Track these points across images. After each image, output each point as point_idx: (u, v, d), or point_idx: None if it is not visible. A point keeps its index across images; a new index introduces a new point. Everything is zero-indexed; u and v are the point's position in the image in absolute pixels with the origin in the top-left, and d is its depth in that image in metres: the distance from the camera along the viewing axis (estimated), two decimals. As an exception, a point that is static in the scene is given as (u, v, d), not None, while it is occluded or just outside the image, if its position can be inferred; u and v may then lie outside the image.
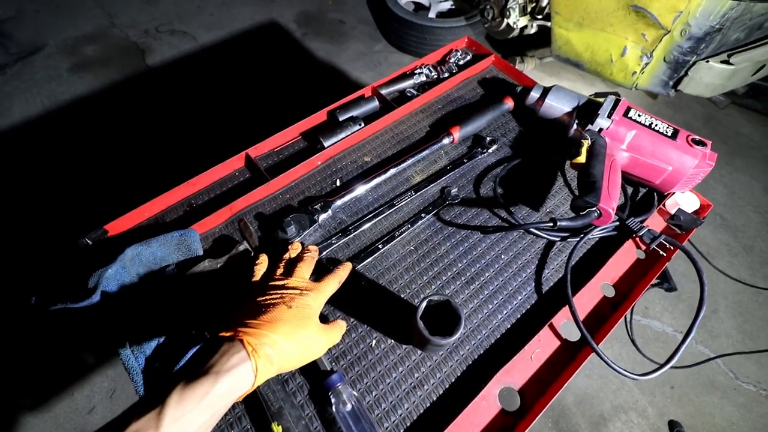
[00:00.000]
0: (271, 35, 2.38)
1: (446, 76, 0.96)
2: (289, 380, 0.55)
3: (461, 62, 0.99)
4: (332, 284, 0.54)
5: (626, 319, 1.09)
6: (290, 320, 0.45)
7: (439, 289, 0.64)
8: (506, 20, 1.83)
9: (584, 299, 0.63)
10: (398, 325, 0.60)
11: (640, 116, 0.72)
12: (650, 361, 1.01)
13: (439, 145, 0.79)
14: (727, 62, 1.34)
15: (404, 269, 0.66)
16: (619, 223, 0.70)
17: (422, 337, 0.49)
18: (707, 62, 1.32)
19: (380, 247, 0.67)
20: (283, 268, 0.56)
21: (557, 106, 0.79)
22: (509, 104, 0.86)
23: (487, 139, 0.81)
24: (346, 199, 0.72)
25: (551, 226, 0.61)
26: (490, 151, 0.80)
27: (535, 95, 0.82)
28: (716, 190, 1.83)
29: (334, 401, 0.51)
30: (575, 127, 0.76)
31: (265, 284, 0.52)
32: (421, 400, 0.55)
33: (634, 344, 1.06)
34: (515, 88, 0.88)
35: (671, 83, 1.42)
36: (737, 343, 1.43)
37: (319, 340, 0.48)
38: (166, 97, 2.05)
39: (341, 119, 0.83)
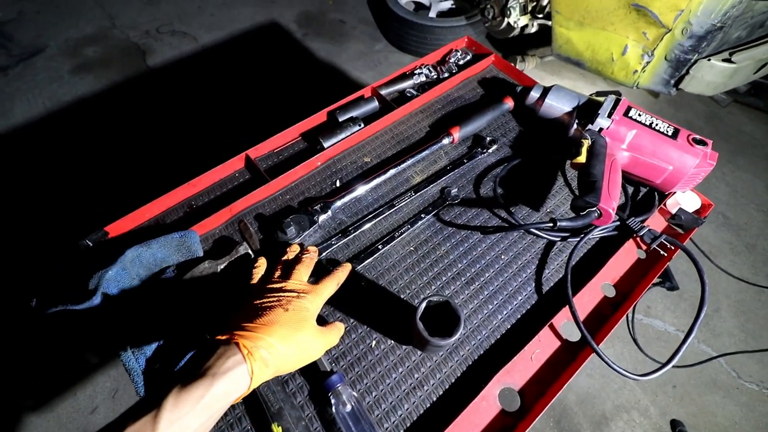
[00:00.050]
0: (271, 36, 2.38)
1: (446, 76, 0.95)
2: (289, 381, 0.55)
3: (461, 62, 0.99)
4: (330, 286, 0.55)
5: (628, 318, 1.09)
6: (286, 323, 0.45)
7: (439, 289, 0.64)
8: (507, 19, 1.82)
9: (585, 299, 0.63)
10: (398, 325, 0.60)
11: (640, 116, 0.71)
12: (652, 360, 1.01)
13: (439, 145, 0.79)
14: (728, 60, 1.33)
15: (404, 270, 0.66)
16: (619, 223, 0.69)
17: (422, 337, 0.49)
18: (709, 60, 1.32)
19: (380, 247, 0.67)
20: (281, 270, 0.56)
21: (557, 105, 0.79)
22: (509, 104, 0.85)
23: (487, 139, 0.81)
24: (345, 199, 0.72)
25: (551, 226, 0.61)
26: (490, 151, 0.80)
27: (535, 95, 0.81)
28: (719, 188, 1.82)
29: (333, 402, 0.51)
30: (575, 126, 0.75)
31: (262, 287, 0.52)
32: (421, 400, 0.55)
33: (636, 343, 1.06)
34: (515, 87, 0.88)
35: (673, 82, 1.41)
36: (740, 342, 1.42)
37: (315, 342, 0.48)
38: (166, 97, 2.05)
39: (341, 120, 0.83)
